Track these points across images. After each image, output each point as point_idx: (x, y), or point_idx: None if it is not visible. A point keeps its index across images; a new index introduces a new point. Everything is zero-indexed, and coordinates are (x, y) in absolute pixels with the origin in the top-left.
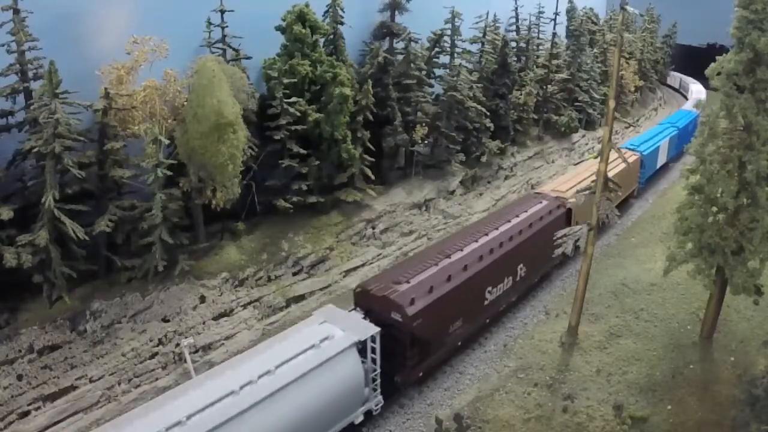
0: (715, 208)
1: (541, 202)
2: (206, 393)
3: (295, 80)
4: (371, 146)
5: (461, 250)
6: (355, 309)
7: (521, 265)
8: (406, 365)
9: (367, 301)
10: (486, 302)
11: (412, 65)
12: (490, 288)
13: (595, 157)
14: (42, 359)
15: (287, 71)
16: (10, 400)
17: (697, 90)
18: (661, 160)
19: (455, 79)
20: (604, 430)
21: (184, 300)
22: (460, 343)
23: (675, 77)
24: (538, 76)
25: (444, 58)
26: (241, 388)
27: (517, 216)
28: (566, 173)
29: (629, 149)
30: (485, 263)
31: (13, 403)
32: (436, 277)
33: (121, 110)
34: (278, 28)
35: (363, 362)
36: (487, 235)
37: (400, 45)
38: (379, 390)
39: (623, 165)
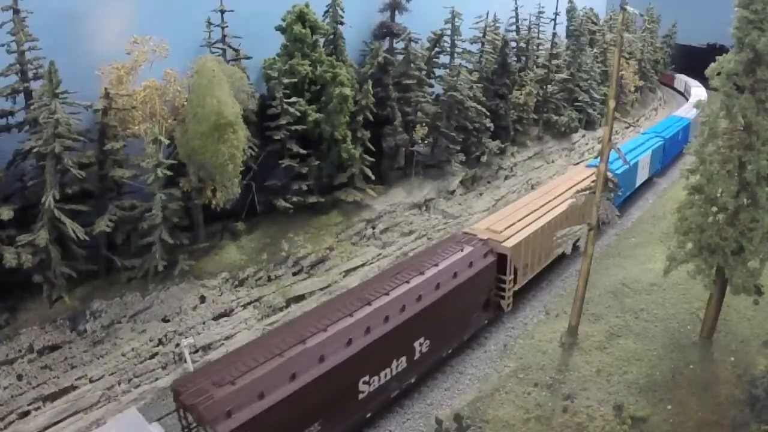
0: (715, 208)
1: (462, 249)
2: None
3: (295, 80)
4: (371, 146)
5: (324, 331)
6: (176, 413)
7: (421, 340)
8: None
9: (182, 405)
10: (362, 396)
11: (412, 65)
12: (366, 378)
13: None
14: (42, 359)
15: (287, 71)
16: (10, 400)
17: (696, 94)
18: (642, 177)
19: (455, 79)
20: (604, 430)
21: (184, 300)
22: None
23: (681, 80)
24: (538, 76)
25: (444, 58)
26: None
27: (421, 273)
28: (516, 203)
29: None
30: (357, 347)
31: (13, 403)
32: (274, 375)
33: (121, 110)
34: (278, 28)
35: None
36: (369, 304)
37: (400, 45)
38: None
39: (571, 199)
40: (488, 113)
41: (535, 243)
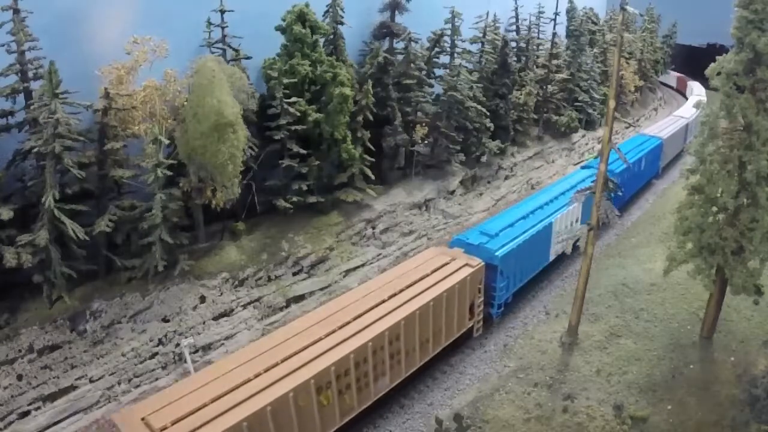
0: (715, 208)
1: None
2: None
3: (295, 80)
4: (371, 146)
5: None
6: None
7: None
8: None
9: None
10: None
11: (412, 65)
12: None
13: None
14: (42, 359)
15: (287, 71)
16: (10, 400)
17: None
18: (555, 252)
19: (455, 79)
20: (604, 430)
21: (184, 300)
22: None
23: (691, 87)
24: (538, 76)
25: (444, 58)
26: None
27: None
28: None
29: (469, 248)
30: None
31: (13, 403)
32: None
33: (121, 110)
34: (278, 28)
35: None
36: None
37: (400, 45)
38: None
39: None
40: (488, 113)
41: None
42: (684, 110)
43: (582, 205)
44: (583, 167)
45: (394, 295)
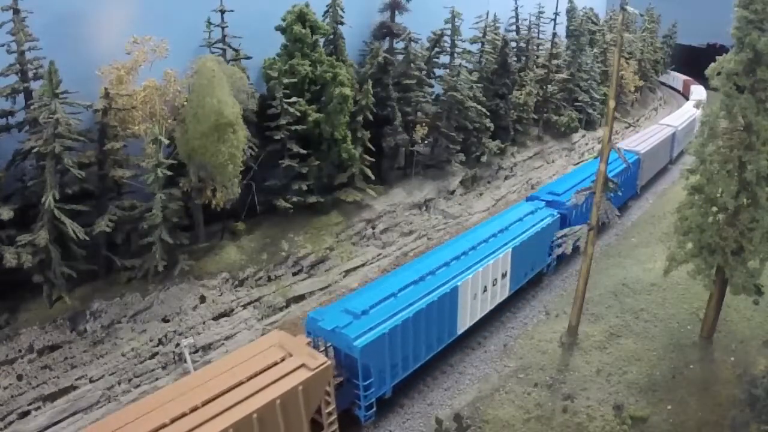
0: (715, 208)
1: None
2: None
3: (295, 80)
4: (371, 146)
5: None
6: None
7: None
8: None
9: None
10: None
11: (412, 65)
12: None
13: None
14: (42, 359)
15: (287, 71)
16: (10, 400)
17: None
18: (472, 319)
19: (455, 79)
20: (604, 430)
21: (184, 300)
22: None
23: (699, 91)
24: (538, 76)
25: (444, 58)
26: None
27: None
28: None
29: (324, 334)
30: None
31: (13, 403)
32: None
33: (121, 110)
34: (278, 28)
35: None
36: None
37: (400, 45)
38: None
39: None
40: (488, 113)
41: None
42: (674, 117)
43: (513, 252)
44: (528, 199)
45: (196, 408)
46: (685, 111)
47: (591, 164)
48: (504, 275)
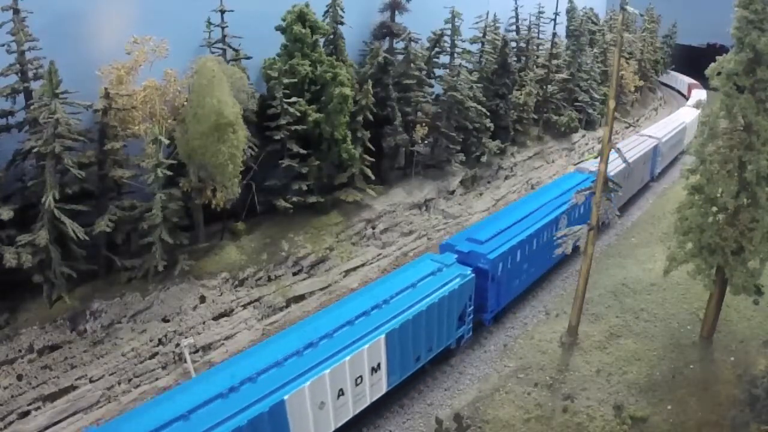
0: (715, 208)
1: None
2: None
3: (295, 80)
4: (371, 146)
5: None
6: None
7: None
8: None
9: None
10: None
11: (412, 65)
12: None
13: None
14: (42, 359)
15: (287, 71)
16: (10, 400)
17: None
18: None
19: (455, 79)
20: (604, 430)
21: (184, 300)
22: None
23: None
24: (538, 76)
25: (444, 58)
26: None
27: None
28: None
29: None
30: None
31: (13, 403)
32: None
33: (121, 110)
34: (278, 28)
35: None
36: None
37: (400, 45)
38: None
39: None
40: (488, 113)
41: None
42: (658, 127)
43: (389, 338)
44: (441, 247)
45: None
46: (673, 119)
47: (569, 179)
48: (376, 369)
